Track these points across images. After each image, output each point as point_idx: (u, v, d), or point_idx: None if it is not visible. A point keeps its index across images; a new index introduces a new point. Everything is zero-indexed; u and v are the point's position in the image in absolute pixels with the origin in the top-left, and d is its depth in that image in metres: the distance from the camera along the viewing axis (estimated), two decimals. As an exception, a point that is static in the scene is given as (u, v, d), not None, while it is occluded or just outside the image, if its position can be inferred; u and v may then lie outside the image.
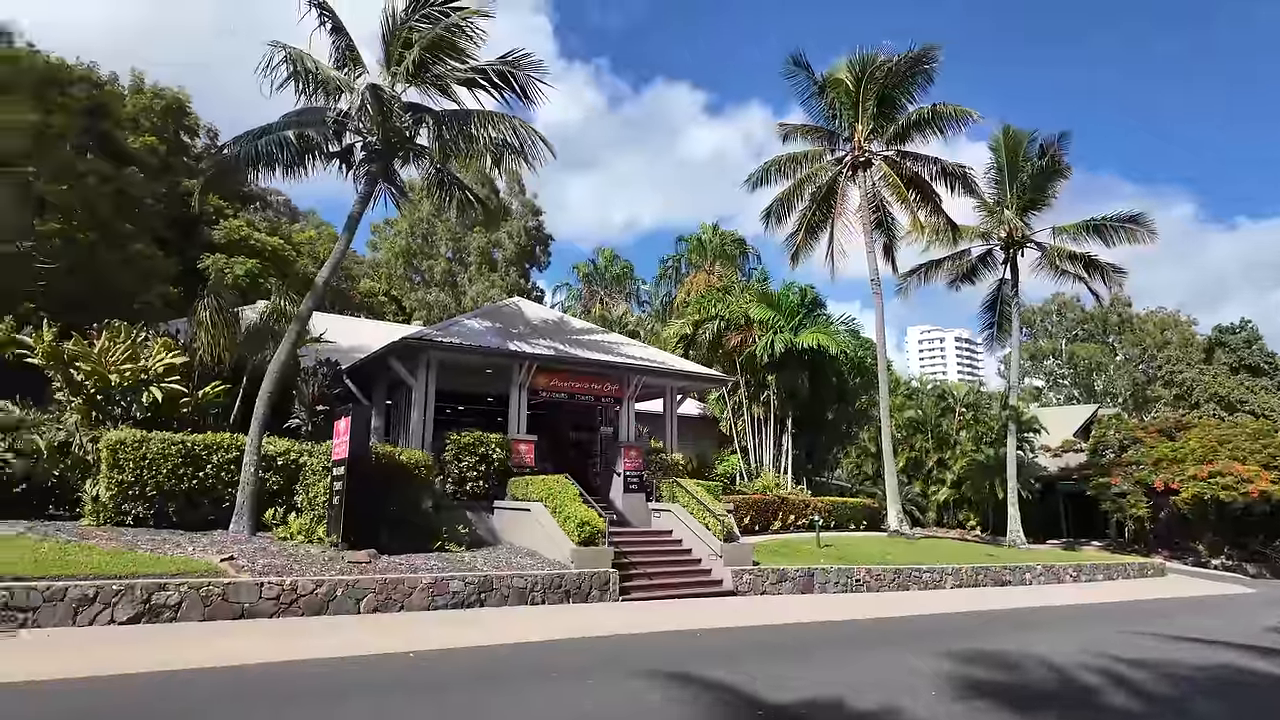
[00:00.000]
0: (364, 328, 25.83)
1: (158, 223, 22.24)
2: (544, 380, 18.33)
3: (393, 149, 15.21)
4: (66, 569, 9.54)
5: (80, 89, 19.67)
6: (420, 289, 46.07)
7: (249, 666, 7.87)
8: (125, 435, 12.38)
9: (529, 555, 13.95)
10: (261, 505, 12.93)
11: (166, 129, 26.32)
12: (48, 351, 13.99)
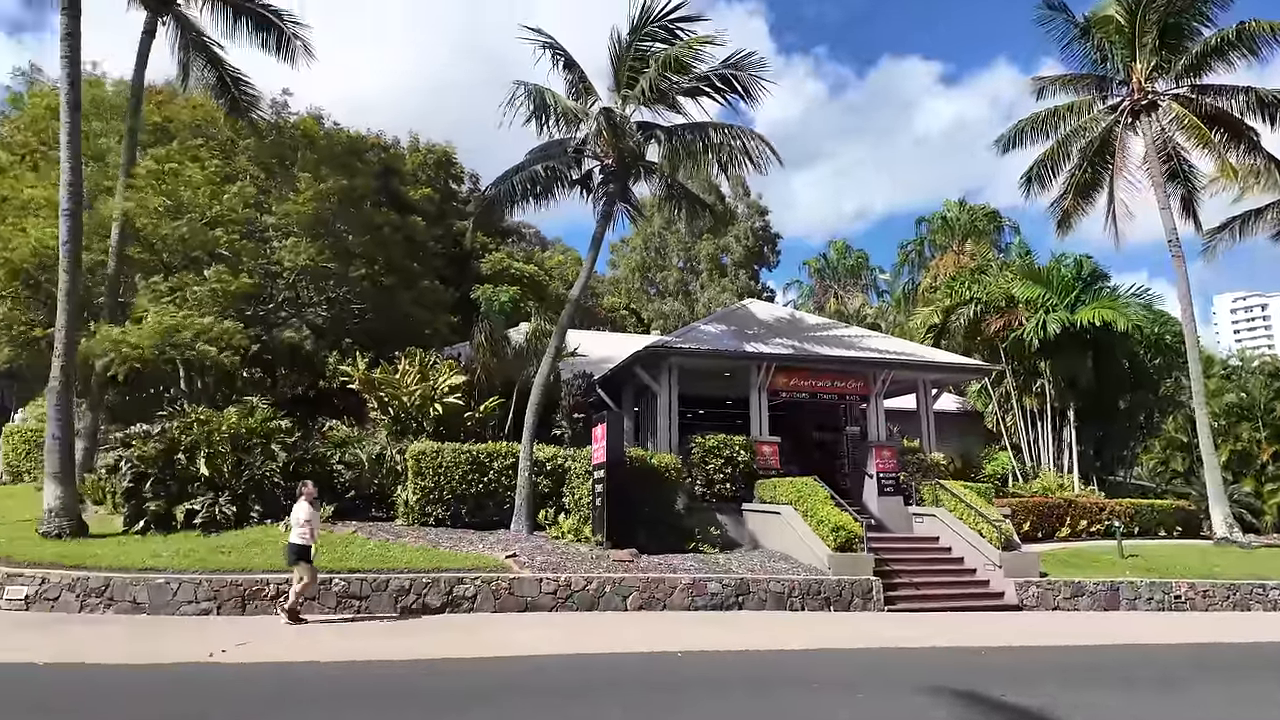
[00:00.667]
0: (609, 340, 27.40)
1: (438, 261, 25.61)
2: (783, 380, 17.96)
3: (626, 168, 15.92)
4: (386, 563, 11.17)
5: (373, 154, 23.40)
6: (656, 300, 47.95)
7: (545, 657, 8.56)
8: (424, 447, 14.25)
9: (783, 559, 13.66)
10: (536, 507, 14.13)
11: (438, 179, 30.24)
12: (362, 378, 16.60)
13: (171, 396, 18.09)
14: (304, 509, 9.78)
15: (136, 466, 12.64)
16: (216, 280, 16.43)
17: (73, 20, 12.65)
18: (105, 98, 20.72)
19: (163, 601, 9.87)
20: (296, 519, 9.70)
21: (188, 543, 11.58)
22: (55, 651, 7.83)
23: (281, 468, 13.74)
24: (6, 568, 9.99)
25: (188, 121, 21.20)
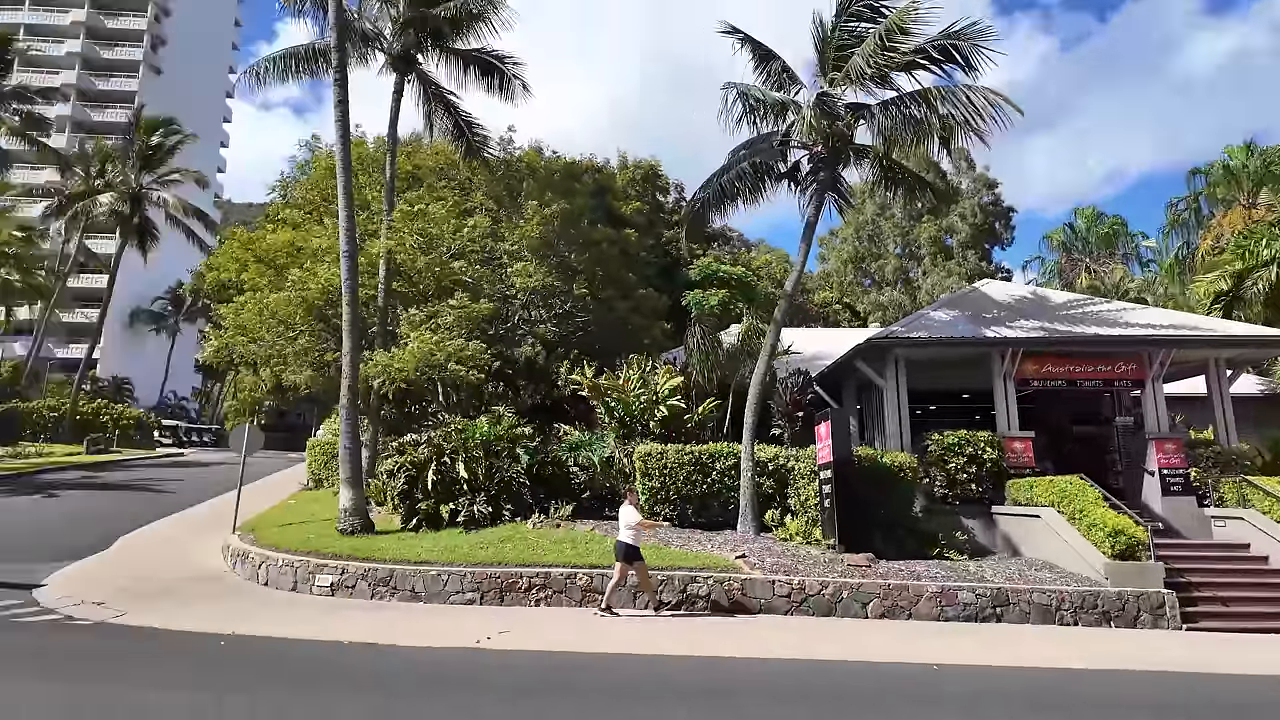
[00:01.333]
0: (822, 336, 26.46)
1: (649, 271, 26.54)
2: (1032, 367, 16.07)
3: (837, 154, 15.26)
4: (624, 560, 11.56)
5: (588, 176, 24.87)
6: (872, 291, 45.60)
7: (787, 661, 8.34)
8: (649, 448, 14.67)
9: (1046, 568, 12.14)
10: (760, 507, 13.92)
11: (646, 193, 31.34)
12: (590, 385, 17.53)
13: (432, 410, 20.44)
14: (631, 511, 10.49)
15: (409, 471, 14.38)
16: (461, 306, 18.28)
17: (342, 89, 14.82)
18: (366, 154, 24.04)
19: (436, 591, 11.08)
20: (626, 520, 10.40)
21: (452, 539, 12.91)
22: (355, 632, 9.07)
23: (526, 470, 14.90)
24: (316, 559, 11.82)
25: (432, 167, 23.97)
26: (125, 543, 15.11)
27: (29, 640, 8.43)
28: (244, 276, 20.40)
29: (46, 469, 28.06)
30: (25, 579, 11.56)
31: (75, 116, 61.85)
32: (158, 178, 42.85)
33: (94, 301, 54.65)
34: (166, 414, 55.99)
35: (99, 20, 66.02)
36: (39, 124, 39.12)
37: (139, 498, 21.73)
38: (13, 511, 18.93)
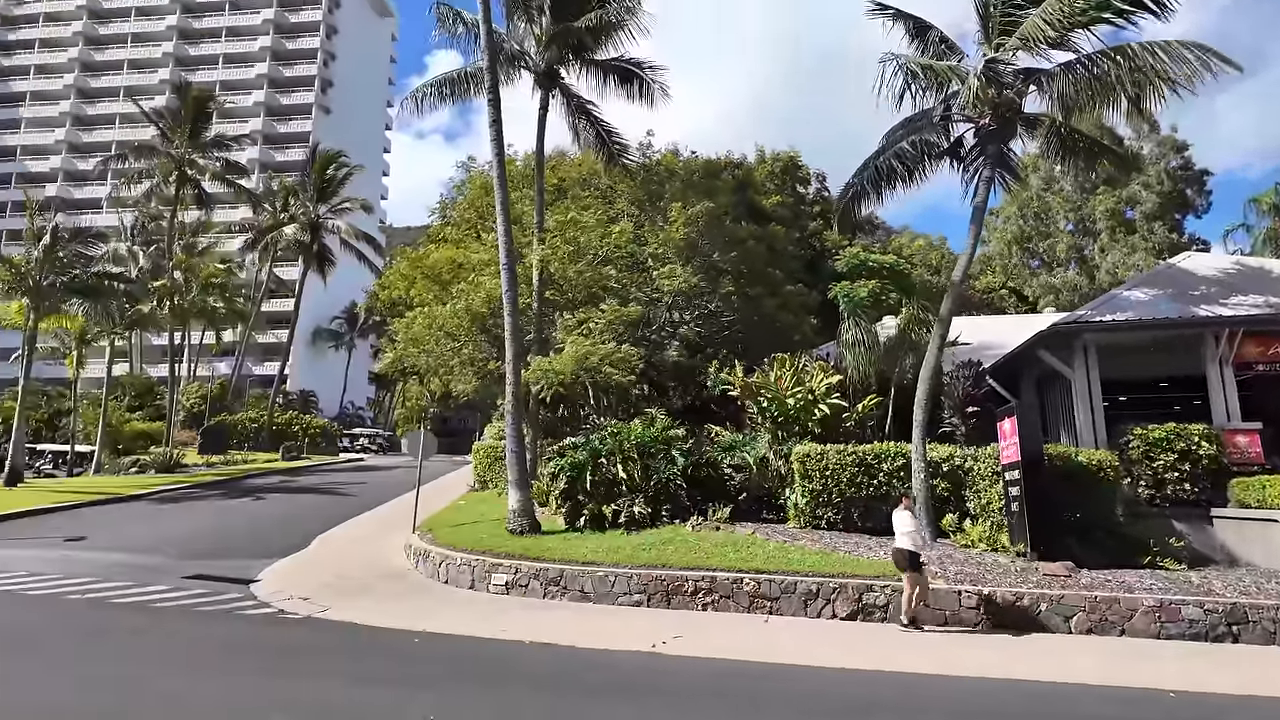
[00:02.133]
0: (988, 325, 24.53)
1: (795, 265, 25.84)
2: (1256, 349, 14.00)
3: (1006, 125, 14.03)
4: (789, 565, 11.16)
5: (727, 173, 24.62)
6: (1041, 273, 41.91)
7: (985, 681, 7.67)
8: (808, 449, 14.13)
9: (1291, 581, 10.43)
10: (936, 512, 13.01)
11: (785, 185, 30.59)
12: (742, 385, 17.20)
13: (584, 414, 20.95)
14: (906, 517, 10.18)
15: (570, 473, 14.73)
16: (611, 310, 18.59)
17: (495, 109, 15.48)
18: (515, 171, 25.07)
19: (604, 591, 11.22)
20: (902, 527, 10.03)
21: (614, 540, 13.05)
22: (533, 632, 9.31)
23: (681, 471, 14.83)
24: (490, 559, 12.33)
25: (575, 178, 24.64)
26: (322, 541, 16.57)
27: (252, 632, 9.34)
28: (412, 292, 21.90)
29: (252, 474, 31.55)
30: (243, 574, 12.91)
31: (262, 159, 69.43)
32: (331, 207, 47.18)
33: (283, 323, 61.06)
34: (346, 422, 61.51)
35: (278, 71, 73.82)
36: (235, 168, 44.24)
37: (329, 500, 23.87)
38: (228, 513, 21.36)
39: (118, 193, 50.99)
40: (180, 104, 38.52)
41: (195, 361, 54.71)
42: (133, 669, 7.45)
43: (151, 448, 36.63)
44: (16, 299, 27.24)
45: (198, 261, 44.68)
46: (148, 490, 25.16)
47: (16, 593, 11.09)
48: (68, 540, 16.37)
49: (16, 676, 7.11)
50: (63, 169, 72.48)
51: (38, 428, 41.39)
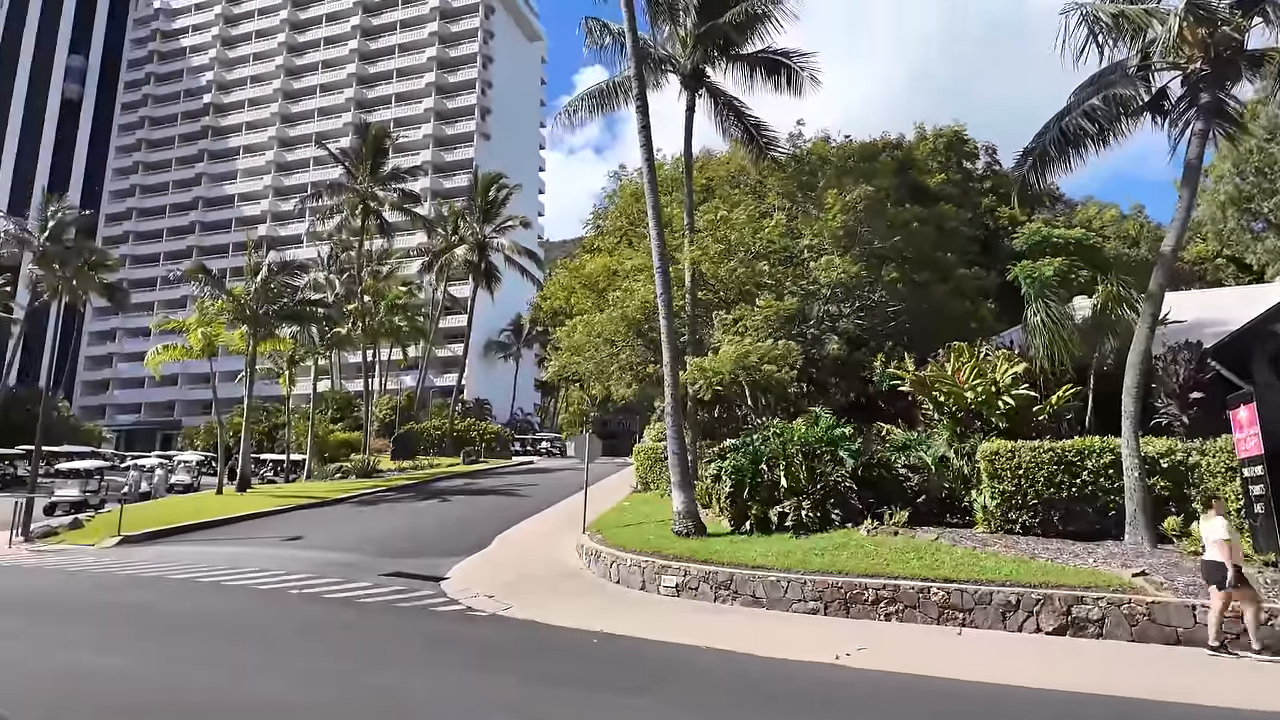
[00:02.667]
0: (1203, 299, 21.40)
1: (967, 247, 23.95)
2: None
3: (1224, 67, 12.09)
4: (983, 574, 10.21)
5: (886, 155, 23.30)
6: (1268, 236, 36.01)
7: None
8: (997, 446, 12.93)
9: None
10: (1155, 514, 11.44)
11: (951, 162, 28.48)
12: (913, 379, 16.14)
13: (742, 414, 20.64)
14: (1219, 524, 8.61)
15: (733, 475, 14.49)
16: (767, 306, 18.15)
17: (643, 115, 15.61)
18: (665, 175, 25.26)
19: (776, 597, 10.87)
20: (1214, 534, 8.56)
21: (783, 544, 12.64)
22: (706, 636, 9.18)
23: (850, 473, 14.12)
24: (659, 560, 12.37)
25: (724, 176, 24.40)
26: (501, 540, 17.49)
27: (447, 628, 9.94)
28: (571, 301, 22.68)
29: (438, 478, 34.10)
30: (433, 572, 13.86)
31: (433, 187, 75.22)
32: (495, 227, 50.10)
33: (458, 337, 65.64)
34: (517, 428, 65.09)
35: (443, 104, 79.74)
36: (410, 197, 48.15)
37: (505, 501, 25.24)
38: (418, 514, 23.16)
39: (314, 228, 57.31)
40: (361, 143, 42.53)
41: (385, 376, 60.21)
42: (347, 662, 8.13)
43: (352, 455, 40.70)
44: (239, 328, 31.30)
45: (383, 285, 49.17)
46: (350, 494, 27.90)
47: (250, 587, 12.59)
48: (287, 540, 18.44)
49: (251, 667, 7.98)
50: (270, 211, 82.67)
51: (260, 440, 47.32)
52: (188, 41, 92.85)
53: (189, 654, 8.27)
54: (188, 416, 75.28)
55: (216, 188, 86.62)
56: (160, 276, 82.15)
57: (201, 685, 7.07)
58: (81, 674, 7.42)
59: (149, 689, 6.92)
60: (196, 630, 9.63)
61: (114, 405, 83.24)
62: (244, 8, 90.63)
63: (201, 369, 41.51)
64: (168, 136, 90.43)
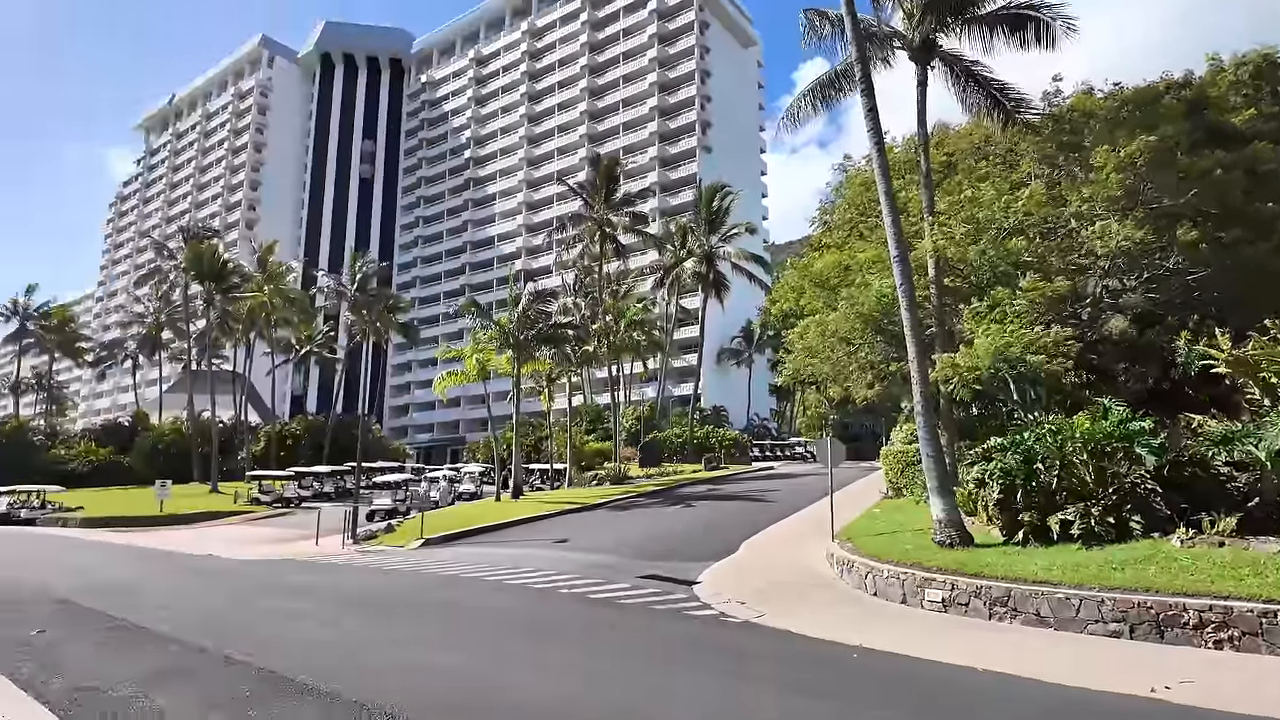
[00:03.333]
0: None
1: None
2: None
3: None
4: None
5: (1170, 96, 19.62)
6: None
7: None
8: (1364, 436, 10.22)
9: None
10: None
11: (1262, 94, 23.24)
12: (1232, 359, 13.38)
13: (1007, 410, 18.56)
14: None
15: (1001, 479, 13.05)
16: (1031, 288, 16.19)
17: (869, 98, 14.82)
18: (896, 158, 23.74)
19: (1066, 617, 9.53)
20: None
21: (1069, 556, 11.09)
22: (983, 657, 8.29)
23: (1153, 473, 12.03)
24: (921, 572, 11.48)
25: (966, 148, 22.30)
26: (748, 546, 17.49)
27: (702, 633, 10.11)
28: (801, 302, 22.15)
29: (682, 484, 35.18)
30: (685, 576, 14.22)
31: (660, 205, 78.38)
32: (721, 236, 50.85)
33: (692, 348, 67.37)
34: (754, 433, 65.12)
35: (665, 125, 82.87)
36: (640, 219, 50.73)
37: (749, 506, 25.26)
38: (666, 519, 24.01)
39: (559, 257, 62.53)
40: (594, 175, 45.68)
41: (628, 388, 63.64)
42: (619, 662, 8.59)
43: (605, 463, 43.52)
44: (506, 353, 35.10)
45: (622, 304, 52.11)
46: (606, 499, 29.78)
47: (527, 586, 13.90)
48: (556, 542, 20.13)
49: (545, 665, 8.75)
50: (524, 246, 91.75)
51: (528, 451, 52.45)
52: (448, 107, 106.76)
53: (492, 650, 9.21)
54: (470, 433, 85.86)
55: (480, 230, 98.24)
56: (441, 313, 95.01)
57: (508, 682, 7.77)
58: (409, 668, 8.69)
59: (470, 685, 7.71)
60: (494, 627, 10.71)
61: (413, 426, 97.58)
62: (491, 68, 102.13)
63: (478, 391, 47.15)
64: (438, 192, 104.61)
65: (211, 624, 10.88)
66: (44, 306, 70.55)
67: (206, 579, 16.83)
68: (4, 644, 9.53)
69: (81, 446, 61.19)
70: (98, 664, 8.52)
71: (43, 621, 11.02)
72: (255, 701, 6.89)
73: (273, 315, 58.72)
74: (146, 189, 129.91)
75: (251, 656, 8.49)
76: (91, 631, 10.37)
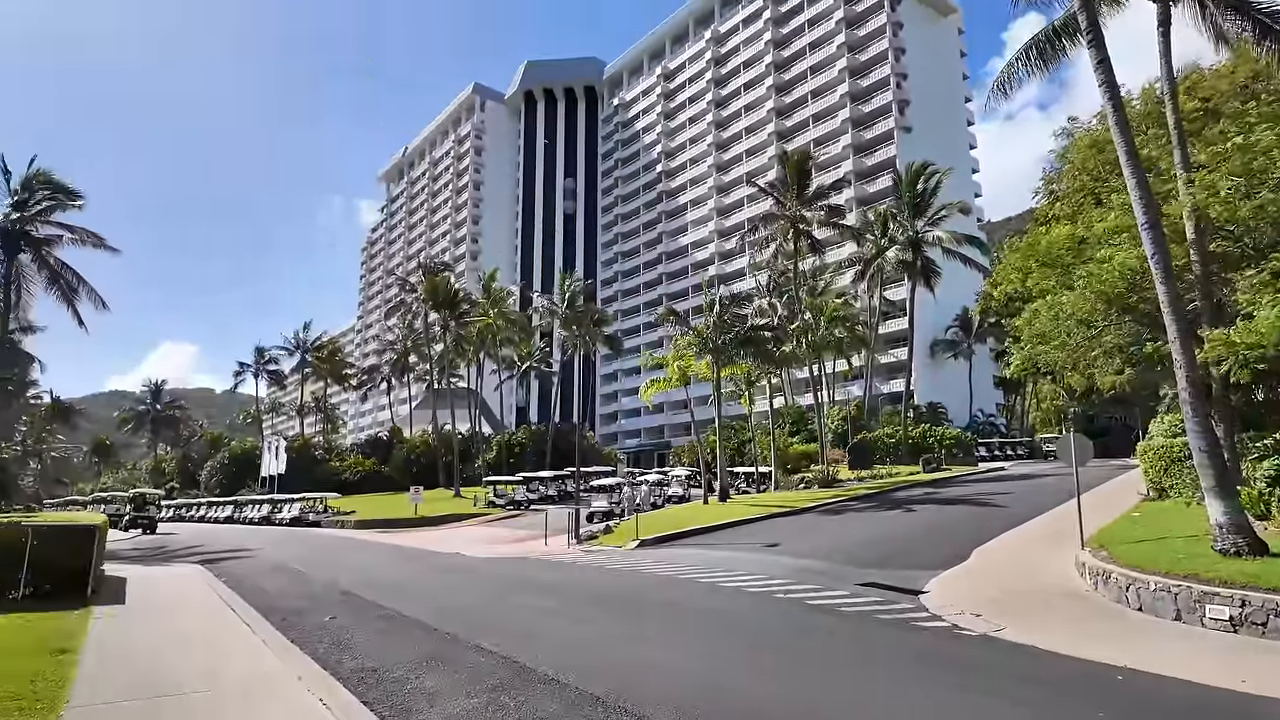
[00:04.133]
0: None
1: None
2: None
3: None
4: None
5: None
6: None
7: None
8: None
9: None
10: None
11: None
12: None
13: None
14: None
15: (1304, 477, 10.88)
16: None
17: (1098, 49, 13.11)
18: (1133, 114, 20.76)
19: None
20: None
21: None
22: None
23: None
24: (1199, 585, 9.87)
25: (1226, 89, 18.97)
26: (980, 553, 16.13)
27: (934, 646, 9.47)
28: (1028, 284, 20.01)
29: (898, 487, 33.31)
30: (909, 584, 13.43)
31: (856, 195, 75.14)
32: (927, 220, 47.59)
33: (899, 342, 63.69)
34: (977, 431, 59.94)
35: (858, 110, 79.43)
36: (835, 211, 48.84)
37: (978, 511, 23.29)
38: (883, 523, 22.86)
39: (752, 259, 62.15)
40: (784, 172, 44.82)
41: (832, 388, 61.59)
42: (842, 672, 8.33)
43: (811, 466, 42.44)
44: (705, 358, 35.59)
45: (820, 301, 50.64)
46: (814, 503, 29.03)
47: (742, 589, 13.94)
48: (765, 546, 19.98)
49: (761, 669, 8.77)
50: (716, 252, 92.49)
51: (731, 455, 52.62)
52: (639, 125, 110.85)
53: (714, 651, 9.37)
54: (674, 437, 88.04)
55: (673, 241, 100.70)
56: (642, 323, 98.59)
57: (734, 685, 7.88)
58: (638, 665, 9.14)
59: (696, 685, 7.87)
60: (714, 629, 10.85)
61: (622, 432, 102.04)
62: (677, 81, 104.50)
63: (680, 396, 48.27)
64: (634, 209, 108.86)
65: (464, 616, 12.16)
66: (317, 340, 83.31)
67: (457, 575, 18.86)
68: (307, 627, 11.41)
69: (351, 459, 71.33)
70: (375, 647, 9.88)
71: (332, 609, 13.03)
72: (504, 689, 7.59)
73: (498, 336, 64.48)
74: (389, 232, 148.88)
75: (499, 647, 9.38)
76: (369, 620, 12.06)
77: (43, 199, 32.35)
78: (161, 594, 15.16)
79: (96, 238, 32.95)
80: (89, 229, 33.00)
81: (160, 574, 19.43)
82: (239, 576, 18.68)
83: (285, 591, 15.79)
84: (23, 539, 13.54)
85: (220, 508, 58.55)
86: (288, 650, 9.69)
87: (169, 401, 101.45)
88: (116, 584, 15.93)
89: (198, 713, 6.96)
